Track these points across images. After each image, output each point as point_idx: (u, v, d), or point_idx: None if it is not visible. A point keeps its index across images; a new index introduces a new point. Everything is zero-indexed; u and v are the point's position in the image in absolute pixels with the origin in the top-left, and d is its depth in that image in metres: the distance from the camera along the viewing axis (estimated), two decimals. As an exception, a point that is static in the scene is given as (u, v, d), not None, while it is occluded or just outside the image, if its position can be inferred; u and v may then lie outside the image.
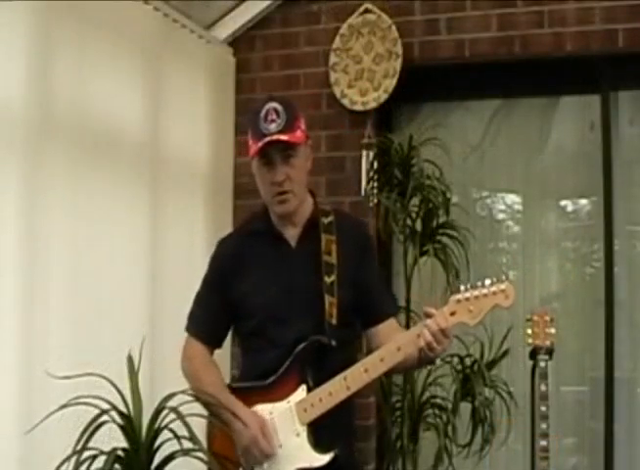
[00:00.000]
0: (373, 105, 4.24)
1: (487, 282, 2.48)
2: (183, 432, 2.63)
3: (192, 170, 4.21)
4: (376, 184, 4.01)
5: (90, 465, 2.56)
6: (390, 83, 4.21)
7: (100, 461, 2.56)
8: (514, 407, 3.66)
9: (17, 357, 3.00)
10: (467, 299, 2.48)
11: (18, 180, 3.06)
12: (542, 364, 2.94)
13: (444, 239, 3.82)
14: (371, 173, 4.09)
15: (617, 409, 3.94)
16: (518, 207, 4.48)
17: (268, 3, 4.49)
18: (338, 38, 4.34)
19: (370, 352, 2.66)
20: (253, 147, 2.68)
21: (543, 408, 2.91)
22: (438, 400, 3.72)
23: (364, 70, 4.30)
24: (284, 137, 2.65)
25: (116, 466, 2.56)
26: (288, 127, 2.66)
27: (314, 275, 2.69)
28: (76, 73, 3.34)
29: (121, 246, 3.56)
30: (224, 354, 4.24)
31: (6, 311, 2.99)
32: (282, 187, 2.68)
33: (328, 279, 2.68)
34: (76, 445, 2.52)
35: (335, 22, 4.38)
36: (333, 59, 4.35)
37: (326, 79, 4.35)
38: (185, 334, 2.89)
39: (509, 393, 3.70)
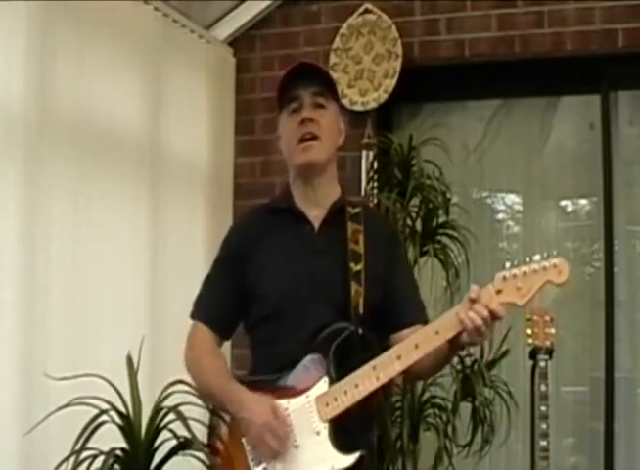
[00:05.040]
0: (373, 105, 4.24)
1: (537, 258, 2.26)
2: (183, 431, 2.63)
3: (192, 170, 4.21)
4: (376, 184, 4.00)
5: (90, 465, 2.56)
6: (390, 83, 4.21)
7: (99, 461, 2.56)
8: (514, 407, 3.66)
9: (17, 358, 3.00)
10: (514, 276, 2.23)
11: (18, 180, 3.06)
12: (542, 364, 2.93)
13: (444, 239, 3.81)
14: (371, 173, 4.08)
15: (616, 409, 3.94)
16: (518, 207, 4.48)
17: (268, 3, 4.49)
18: (338, 38, 4.34)
19: None
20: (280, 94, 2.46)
21: (543, 408, 2.90)
22: (438, 400, 3.71)
23: (364, 70, 4.30)
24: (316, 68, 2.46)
25: (116, 466, 2.56)
26: (319, 76, 2.46)
27: (339, 261, 2.40)
28: (76, 74, 3.35)
29: (121, 246, 3.56)
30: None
31: (6, 312, 2.99)
32: (307, 128, 2.40)
33: (355, 267, 2.38)
34: (75, 445, 2.52)
35: (335, 22, 4.38)
36: (333, 59, 4.34)
37: (326, 79, 4.34)
38: (185, 331, 2.59)
39: (509, 393, 3.69)
